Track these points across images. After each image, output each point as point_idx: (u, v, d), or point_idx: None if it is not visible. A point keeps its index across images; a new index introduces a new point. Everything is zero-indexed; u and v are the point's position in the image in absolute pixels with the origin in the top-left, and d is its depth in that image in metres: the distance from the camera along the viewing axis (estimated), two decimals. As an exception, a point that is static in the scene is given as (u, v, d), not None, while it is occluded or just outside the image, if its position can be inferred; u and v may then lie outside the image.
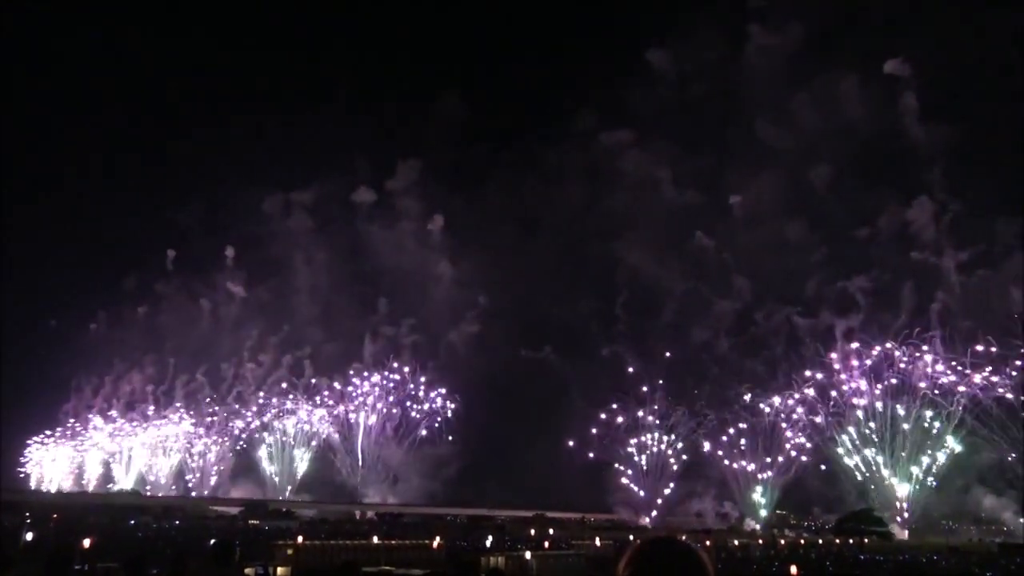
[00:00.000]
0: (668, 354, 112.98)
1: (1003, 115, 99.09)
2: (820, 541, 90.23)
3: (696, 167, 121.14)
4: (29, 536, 44.57)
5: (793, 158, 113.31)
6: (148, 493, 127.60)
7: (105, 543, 39.57)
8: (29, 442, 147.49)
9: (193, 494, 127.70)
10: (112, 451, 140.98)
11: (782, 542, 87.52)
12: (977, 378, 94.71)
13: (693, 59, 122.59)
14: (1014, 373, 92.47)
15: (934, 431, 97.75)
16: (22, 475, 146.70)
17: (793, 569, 39.17)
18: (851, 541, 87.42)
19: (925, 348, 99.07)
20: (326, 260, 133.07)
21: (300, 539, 53.18)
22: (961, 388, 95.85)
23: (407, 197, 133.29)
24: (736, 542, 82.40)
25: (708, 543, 75.22)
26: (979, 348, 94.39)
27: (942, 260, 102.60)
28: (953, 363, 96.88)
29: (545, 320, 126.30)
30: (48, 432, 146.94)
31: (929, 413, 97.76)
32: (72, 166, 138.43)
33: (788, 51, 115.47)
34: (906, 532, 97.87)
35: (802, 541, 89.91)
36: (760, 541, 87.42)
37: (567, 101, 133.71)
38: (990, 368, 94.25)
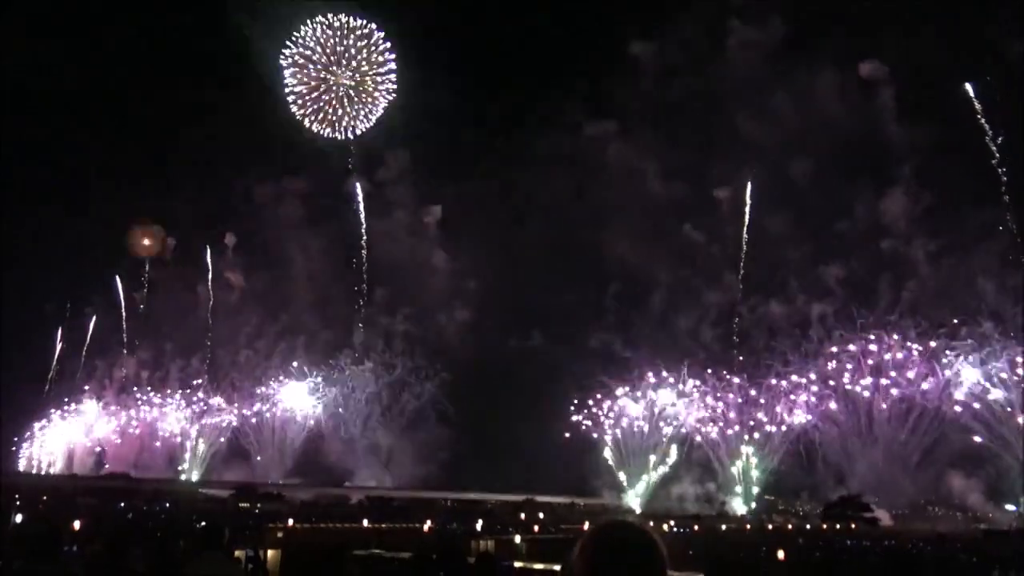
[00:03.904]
0: (654, 341, 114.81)
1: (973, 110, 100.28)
2: (808, 527, 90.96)
3: (680, 159, 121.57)
4: (19, 518, 44.56)
5: (774, 152, 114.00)
6: (138, 476, 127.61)
7: (95, 525, 39.58)
8: (20, 426, 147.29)
9: (183, 477, 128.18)
10: (104, 435, 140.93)
11: (770, 527, 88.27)
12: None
13: (677, 52, 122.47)
14: (1003, 361, 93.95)
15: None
16: (12, 458, 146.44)
17: (780, 554, 39.47)
18: (838, 527, 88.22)
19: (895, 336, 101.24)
20: (320, 249, 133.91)
21: (291, 522, 53.39)
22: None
23: (397, 187, 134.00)
24: (724, 527, 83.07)
25: (696, 528, 75.87)
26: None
27: (913, 249, 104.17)
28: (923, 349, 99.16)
29: (534, 308, 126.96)
30: (39, 416, 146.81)
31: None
32: (68, 152, 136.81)
33: (769, 47, 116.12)
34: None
35: (790, 527, 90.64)
36: (748, 527, 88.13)
37: (553, 92, 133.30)
38: (955, 349, 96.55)
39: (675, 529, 73.41)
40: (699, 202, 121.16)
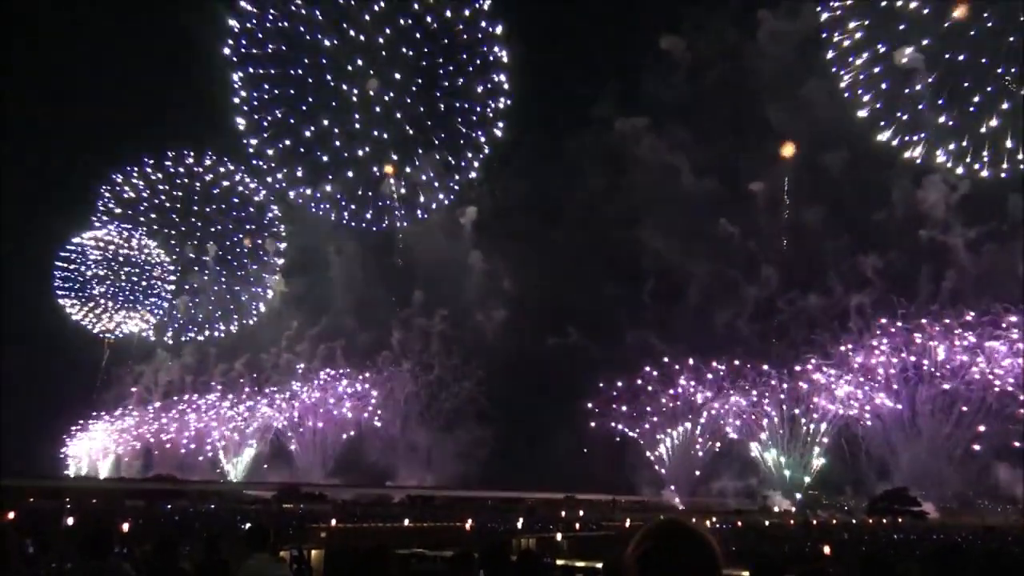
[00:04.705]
0: (691, 336, 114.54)
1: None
2: (853, 521, 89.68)
3: (713, 153, 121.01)
4: (70, 521, 45.45)
5: (807, 143, 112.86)
6: (184, 478, 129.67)
7: (142, 527, 40.27)
8: (68, 430, 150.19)
9: (228, 478, 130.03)
10: (150, 438, 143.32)
11: (815, 522, 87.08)
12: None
13: (707, 46, 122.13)
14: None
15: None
16: (62, 462, 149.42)
17: (826, 549, 38.93)
18: (884, 521, 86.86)
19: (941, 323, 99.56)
20: (357, 252, 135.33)
21: (333, 522, 53.79)
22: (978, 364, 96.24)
23: (432, 186, 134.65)
24: (767, 523, 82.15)
25: (739, 524, 75.14)
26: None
27: (952, 238, 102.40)
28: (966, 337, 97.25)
29: (570, 306, 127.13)
30: (87, 420, 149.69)
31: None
32: (107, 159, 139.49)
33: (800, 37, 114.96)
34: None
35: (835, 521, 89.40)
36: (792, 522, 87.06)
37: (584, 89, 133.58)
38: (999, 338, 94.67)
39: (717, 525, 72.86)
40: (733, 196, 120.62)
